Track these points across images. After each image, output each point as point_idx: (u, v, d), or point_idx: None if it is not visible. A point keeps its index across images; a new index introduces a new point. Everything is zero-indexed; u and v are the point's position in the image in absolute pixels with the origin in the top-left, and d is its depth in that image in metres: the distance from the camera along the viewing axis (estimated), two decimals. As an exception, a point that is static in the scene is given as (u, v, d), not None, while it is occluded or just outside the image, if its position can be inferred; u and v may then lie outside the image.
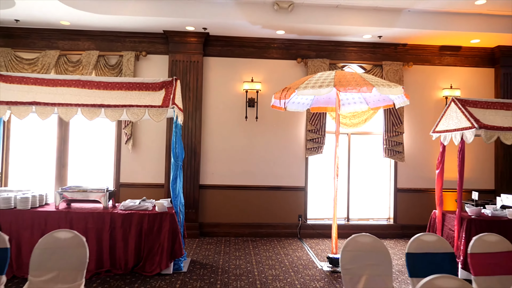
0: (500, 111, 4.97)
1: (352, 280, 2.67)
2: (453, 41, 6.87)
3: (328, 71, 4.81)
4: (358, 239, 2.79)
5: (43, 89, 4.71)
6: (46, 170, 6.79)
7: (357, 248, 2.75)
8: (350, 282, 2.67)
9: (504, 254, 2.79)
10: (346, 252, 2.75)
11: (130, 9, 5.95)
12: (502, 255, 2.80)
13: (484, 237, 2.90)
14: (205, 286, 4.17)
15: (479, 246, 2.86)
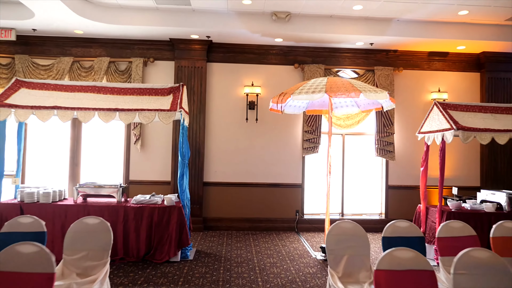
0: (478, 113, 5.44)
1: (336, 259, 3.15)
2: (440, 47, 7.34)
3: (321, 78, 5.28)
4: (341, 224, 3.27)
5: (62, 94, 5.21)
6: (60, 168, 7.28)
7: (340, 232, 3.23)
8: (334, 261, 3.15)
9: (466, 238, 3.26)
10: (330, 236, 3.22)
11: (139, 20, 6.44)
12: (465, 239, 3.26)
13: (450, 224, 3.38)
14: (210, 271, 4.65)
15: (445, 231, 3.33)
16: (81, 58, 7.14)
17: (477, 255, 2.34)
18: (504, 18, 6.53)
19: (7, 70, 7.05)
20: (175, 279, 4.35)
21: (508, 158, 7.52)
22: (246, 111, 7.27)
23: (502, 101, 7.51)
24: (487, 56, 7.47)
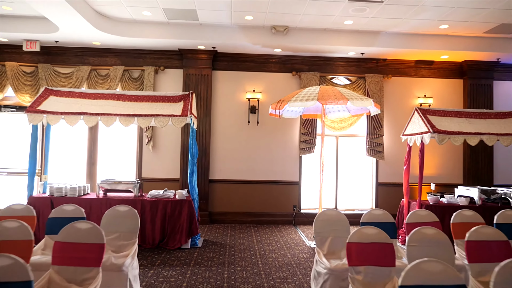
0: (454, 118, 6.13)
1: (321, 240, 3.85)
2: (426, 56, 8.02)
3: (314, 87, 5.98)
4: (326, 212, 3.97)
5: (86, 101, 5.92)
6: (78, 167, 8.00)
7: (325, 218, 3.92)
8: (320, 241, 3.85)
9: (430, 223, 3.94)
10: (318, 221, 3.92)
11: (151, 33, 7.14)
12: (428, 224, 3.95)
13: (417, 212, 4.07)
14: (216, 256, 5.36)
15: (413, 218, 4.02)
16: (98, 67, 7.85)
17: (426, 231, 3.03)
18: (482, 31, 7.20)
19: (31, 77, 7.77)
20: (187, 262, 5.05)
21: (489, 158, 8.19)
22: (248, 114, 7.97)
23: (482, 105, 8.19)
24: (469, 64, 8.14)
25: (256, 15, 6.59)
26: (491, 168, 8.22)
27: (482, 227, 3.18)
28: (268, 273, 4.65)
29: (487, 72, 8.24)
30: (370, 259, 2.88)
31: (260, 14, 6.57)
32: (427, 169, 8.18)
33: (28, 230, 2.91)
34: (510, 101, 8.40)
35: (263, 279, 4.44)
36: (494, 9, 6.12)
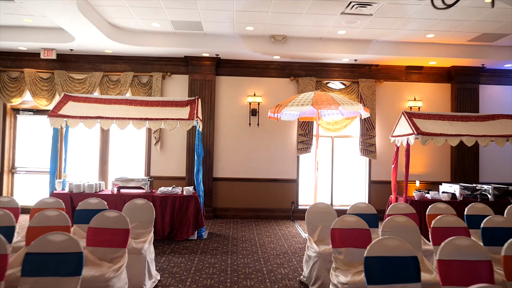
0: (438, 121, 6.69)
1: (312, 229, 4.43)
2: (415, 62, 8.58)
3: (309, 93, 6.55)
4: (317, 205, 4.55)
5: (102, 106, 6.51)
6: (91, 166, 8.59)
7: (316, 210, 4.50)
8: (311, 230, 4.43)
9: (408, 214, 4.50)
10: (309, 213, 4.50)
11: (159, 42, 7.72)
12: (407, 215, 4.52)
13: (396, 205, 4.64)
14: (220, 246, 5.94)
15: (393, 210, 4.59)
16: (109, 73, 8.45)
17: (398, 219, 3.61)
18: (466, 40, 7.76)
19: (48, 83, 8.36)
20: (194, 250, 5.64)
21: (474, 157, 8.75)
22: (249, 117, 8.55)
23: (469, 108, 8.74)
24: (456, 69, 8.70)
25: (256, 26, 7.17)
26: (477, 167, 8.77)
27: (445, 216, 3.75)
28: (267, 260, 5.24)
29: (473, 77, 8.79)
30: (350, 242, 3.45)
31: (260, 25, 7.15)
32: (418, 168, 8.75)
33: (66, 217, 3.50)
34: (495, 104, 8.94)
35: (262, 264, 5.02)
36: (474, 21, 6.67)
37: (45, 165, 8.58)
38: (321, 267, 3.97)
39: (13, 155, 8.63)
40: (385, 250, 2.59)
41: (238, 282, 4.33)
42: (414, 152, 8.53)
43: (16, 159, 8.64)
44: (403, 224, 3.56)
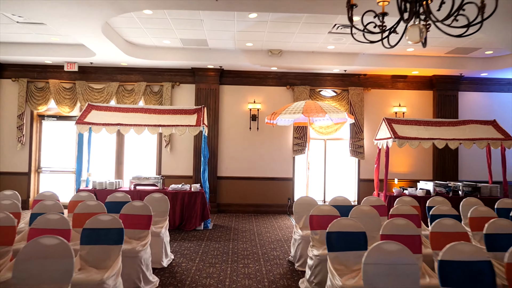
0: (414, 126, 7.62)
1: (299, 218, 5.38)
2: (400, 72, 9.49)
3: (301, 102, 7.50)
4: (303, 198, 5.50)
5: (121, 114, 7.51)
6: (108, 166, 9.59)
7: (302, 202, 5.45)
8: (298, 218, 5.39)
9: (377, 206, 5.44)
10: (296, 205, 5.46)
11: (169, 56, 8.70)
12: (376, 207, 5.45)
13: (369, 198, 5.58)
14: (223, 235, 6.91)
15: (365, 202, 5.53)
16: (124, 83, 9.45)
17: (363, 208, 4.55)
18: (444, 52, 8.66)
19: (70, 92, 9.38)
20: (201, 238, 6.62)
21: (454, 158, 9.65)
22: (250, 122, 9.51)
23: (449, 113, 9.64)
24: (437, 78, 9.60)
25: (255, 42, 8.13)
26: (456, 166, 9.67)
27: (402, 205, 4.70)
28: (262, 245, 6.20)
29: (453, 85, 9.69)
30: (324, 225, 4.38)
31: (258, 42, 8.11)
32: (403, 168, 9.68)
33: (103, 206, 4.48)
34: (473, 109, 9.83)
35: (258, 248, 5.99)
36: (447, 37, 7.58)
37: (67, 165, 9.63)
38: (303, 247, 4.93)
39: (39, 157, 9.67)
40: (342, 227, 3.54)
41: (237, 260, 5.30)
42: (400, 153, 9.47)
43: (41, 160, 9.68)
44: (367, 212, 4.51)
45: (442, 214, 4.63)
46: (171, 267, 5.00)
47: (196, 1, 5.44)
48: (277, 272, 4.88)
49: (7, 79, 9.39)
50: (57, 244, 2.58)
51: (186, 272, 4.78)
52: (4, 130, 9.35)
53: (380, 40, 3.60)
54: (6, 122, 9.36)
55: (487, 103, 9.91)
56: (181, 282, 4.41)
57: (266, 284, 4.41)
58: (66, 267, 2.52)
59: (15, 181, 9.29)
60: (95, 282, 2.99)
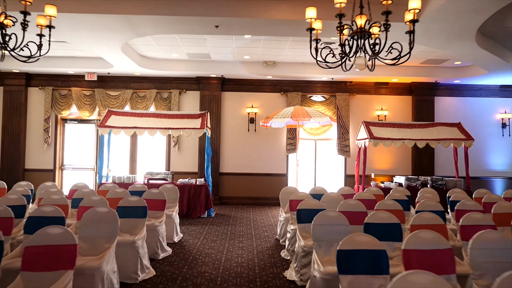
0: (388, 128, 8.80)
1: (283, 204, 6.60)
2: (382, 79, 10.67)
3: (290, 107, 8.70)
4: (287, 188, 6.72)
5: (136, 118, 8.77)
6: (123, 163, 10.86)
7: (286, 191, 6.66)
8: (283, 204, 6.61)
9: (347, 195, 6.63)
10: (282, 193, 6.68)
11: (177, 67, 9.94)
12: (345, 195, 6.65)
13: (343, 188, 6.79)
14: (224, 221, 8.15)
15: (340, 191, 6.74)
16: (137, 90, 10.72)
17: (332, 195, 5.75)
18: (419, 63, 9.83)
19: (90, 99, 10.67)
20: (205, 223, 7.86)
21: (430, 156, 10.80)
22: (248, 124, 10.74)
23: (426, 116, 10.79)
24: (415, 84, 10.77)
25: (252, 55, 9.36)
26: (432, 163, 10.84)
27: (365, 193, 5.90)
28: (255, 228, 7.43)
29: (429, 91, 10.85)
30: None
31: (254, 55, 9.33)
32: (385, 165, 10.86)
33: (127, 192, 5.73)
34: (448, 112, 10.98)
35: (252, 231, 7.22)
36: (417, 51, 8.75)
37: (86, 163, 10.92)
38: (286, 227, 6.14)
39: (62, 155, 10.97)
40: (308, 205, 4.75)
41: (234, 238, 6.54)
42: (383, 152, 10.66)
43: (64, 158, 10.98)
44: (334, 197, 5.71)
45: (395, 199, 5.82)
46: (180, 242, 6.25)
47: (200, 28, 6.68)
48: (265, 246, 6.11)
49: (34, 88, 10.70)
50: (108, 211, 3.82)
51: (193, 246, 6.02)
52: (32, 132, 10.66)
53: (337, 66, 4.81)
54: (34, 125, 10.67)
55: (460, 107, 11.06)
56: (189, 252, 5.66)
57: (255, 253, 5.65)
58: (114, 227, 3.76)
59: (42, 177, 10.57)
60: (129, 242, 4.24)
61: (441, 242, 2.96)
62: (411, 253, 2.91)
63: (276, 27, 6.56)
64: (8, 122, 10.50)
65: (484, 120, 11.07)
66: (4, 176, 10.22)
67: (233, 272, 4.77)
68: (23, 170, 10.62)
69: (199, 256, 5.46)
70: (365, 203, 5.06)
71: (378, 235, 3.48)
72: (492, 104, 11.10)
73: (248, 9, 6.02)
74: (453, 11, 5.67)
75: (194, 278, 4.50)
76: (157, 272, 4.67)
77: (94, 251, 3.55)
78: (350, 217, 4.23)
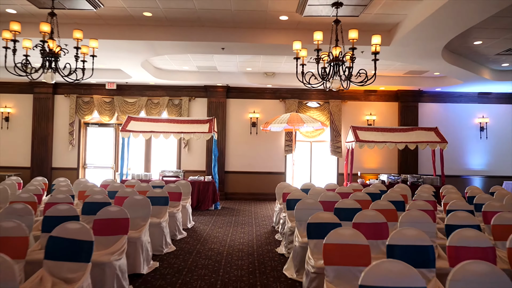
0: (373, 132, 10.03)
1: (279, 197, 7.87)
2: (371, 88, 11.88)
3: (287, 114, 9.95)
4: (282, 183, 7.99)
5: (152, 123, 10.07)
6: (138, 163, 12.18)
7: (281, 186, 7.93)
8: (278, 197, 7.87)
9: (331, 189, 7.88)
10: (277, 188, 7.94)
11: (187, 77, 11.23)
12: (331, 190, 7.90)
13: (329, 184, 8.04)
14: (229, 212, 9.43)
15: (327, 186, 7.99)
16: (151, 97, 12.03)
17: (317, 189, 7.00)
18: (403, 73, 11.04)
19: (109, 105, 11.99)
20: (213, 214, 9.15)
21: (414, 156, 12.01)
22: (250, 128, 12.01)
23: (411, 120, 12.00)
24: (401, 92, 11.98)
25: (253, 67, 10.63)
26: (416, 162, 12.04)
27: (349, 187, 7.14)
28: (255, 218, 8.71)
29: (414, 97, 12.06)
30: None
31: (256, 67, 10.60)
32: (374, 164, 12.07)
33: (151, 186, 7.01)
34: (430, 117, 12.18)
35: (252, 220, 8.49)
36: (398, 64, 9.97)
37: (106, 162, 12.25)
38: (280, 215, 7.40)
39: (85, 155, 12.31)
40: (295, 196, 6.00)
41: (237, 226, 7.82)
42: (372, 152, 11.87)
43: (86, 158, 12.32)
44: (318, 191, 6.95)
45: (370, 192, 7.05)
46: (193, 228, 7.55)
47: (209, 50, 7.96)
48: (262, 231, 7.39)
49: (60, 95, 12.04)
50: (142, 198, 5.10)
51: (203, 230, 7.31)
52: (59, 135, 12.01)
53: (318, 87, 6.06)
54: (60, 128, 12.02)
55: (442, 112, 12.26)
56: (200, 234, 6.95)
57: (254, 236, 6.92)
58: (147, 210, 5.04)
59: (67, 174, 11.90)
60: (157, 223, 5.53)
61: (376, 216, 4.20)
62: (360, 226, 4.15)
63: (272, 50, 7.83)
64: (37, 126, 11.85)
65: (463, 124, 12.25)
66: (34, 173, 11.57)
67: (236, 248, 6.04)
68: (51, 169, 11.97)
69: (209, 237, 6.75)
70: (342, 195, 6.33)
71: (343, 216, 4.75)
72: (471, 109, 12.28)
73: (248, 36, 7.30)
74: (416, 38, 6.91)
75: (205, 252, 5.78)
76: (177, 248, 5.97)
77: (134, 227, 4.83)
78: (326, 204, 5.49)
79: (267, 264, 5.27)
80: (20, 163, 11.88)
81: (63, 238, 3.26)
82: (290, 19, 6.90)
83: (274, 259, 5.51)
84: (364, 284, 2.41)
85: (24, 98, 11.98)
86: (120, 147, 10.14)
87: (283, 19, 6.93)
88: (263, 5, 6.32)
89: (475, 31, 7.11)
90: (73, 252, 3.21)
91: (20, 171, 11.65)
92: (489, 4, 5.25)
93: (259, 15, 6.77)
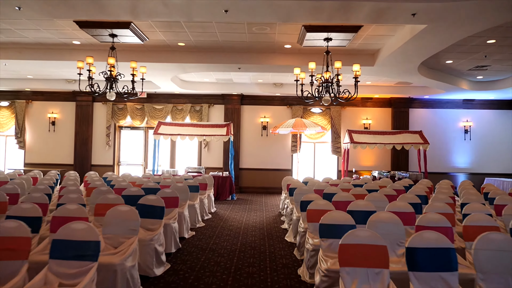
0: (366, 135, 11.76)
1: (284, 188, 9.68)
2: (367, 95, 13.58)
3: (292, 119, 11.75)
4: (287, 177, 9.80)
5: (179, 127, 11.98)
6: (165, 161, 14.11)
7: (286, 179, 9.74)
8: (284, 188, 9.69)
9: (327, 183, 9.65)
10: (283, 181, 9.75)
11: (207, 87, 13.10)
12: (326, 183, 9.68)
13: (325, 178, 9.82)
14: (244, 202, 11.27)
15: (323, 180, 9.78)
16: (176, 104, 13.95)
17: (314, 181, 8.78)
18: (393, 83, 12.73)
19: (140, 111, 13.95)
20: (230, 203, 11.01)
21: (405, 155, 13.68)
22: (261, 131, 13.84)
23: (402, 124, 13.66)
24: (393, 99, 13.66)
25: (264, 79, 12.44)
26: (407, 161, 13.71)
27: (341, 182, 8.91)
28: (266, 206, 10.55)
29: (405, 104, 13.73)
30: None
31: (266, 79, 12.42)
32: (369, 162, 13.79)
33: (183, 179, 8.89)
34: (420, 122, 13.83)
35: (263, 208, 10.33)
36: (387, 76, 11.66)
37: (136, 160, 14.21)
38: (285, 202, 9.21)
39: (119, 154, 14.30)
40: (295, 185, 7.80)
41: (250, 212, 9.66)
42: (368, 152, 13.57)
43: (120, 156, 14.31)
44: (315, 182, 8.74)
45: (356, 184, 8.80)
46: (215, 212, 9.43)
47: (228, 69, 9.82)
48: (271, 215, 9.21)
49: (99, 103, 14.05)
50: (183, 185, 6.98)
51: (224, 214, 9.17)
52: (97, 136, 14.02)
53: (314, 102, 7.86)
54: (98, 131, 14.03)
55: (430, 117, 13.90)
56: (222, 217, 8.81)
57: (264, 218, 8.75)
58: (187, 194, 6.90)
59: (104, 170, 13.88)
60: (192, 204, 7.40)
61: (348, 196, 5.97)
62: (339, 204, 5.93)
63: (278, 69, 9.67)
64: (79, 129, 13.88)
65: (450, 127, 13.87)
66: (77, 169, 13.59)
67: (250, 226, 7.88)
68: (90, 166, 13.99)
69: (229, 218, 8.60)
70: (332, 185, 8.11)
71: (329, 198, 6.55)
72: (456, 114, 13.89)
73: (260, 59, 9.14)
74: (392, 61, 8.66)
75: (227, 227, 7.64)
76: (206, 224, 7.84)
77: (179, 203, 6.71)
78: (318, 192, 7.28)
79: (274, 235, 7.10)
80: (65, 161, 13.94)
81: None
82: (292, 47, 8.72)
83: (279, 232, 7.34)
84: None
85: (68, 106, 14.03)
86: (151, 147, 12.06)
87: (287, 47, 8.75)
88: (271, 37, 8.14)
89: (443, 54, 8.81)
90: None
91: (65, 168, 13.70)
92: (445, 38, 6.94)
93: (268, 45, 8.60)
